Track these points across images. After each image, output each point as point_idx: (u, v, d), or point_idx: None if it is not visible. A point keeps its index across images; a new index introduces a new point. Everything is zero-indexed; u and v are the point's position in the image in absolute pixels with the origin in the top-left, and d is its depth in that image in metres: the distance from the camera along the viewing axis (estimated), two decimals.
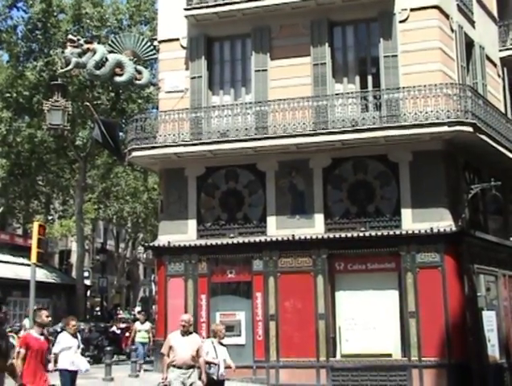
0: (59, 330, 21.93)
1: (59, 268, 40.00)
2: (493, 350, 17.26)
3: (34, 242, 14.54)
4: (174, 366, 9.91)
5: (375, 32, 17.84)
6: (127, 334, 26.13)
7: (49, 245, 39.22)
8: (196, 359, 10.09)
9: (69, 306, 29.21)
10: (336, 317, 16.96)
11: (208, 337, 12.31)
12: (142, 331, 19.67)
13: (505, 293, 19.06)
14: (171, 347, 10.04)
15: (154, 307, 28.38)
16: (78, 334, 14.32)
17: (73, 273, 37.92)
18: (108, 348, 18.26)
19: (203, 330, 17.55)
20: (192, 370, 10.01)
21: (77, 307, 29.02)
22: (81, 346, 13.87)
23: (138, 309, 44.72)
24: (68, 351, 11.13)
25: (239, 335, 17.31)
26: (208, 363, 10.59)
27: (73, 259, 40.51)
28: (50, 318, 10.11)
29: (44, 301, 27.86)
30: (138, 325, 20.01)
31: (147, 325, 20.00)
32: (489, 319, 17.45)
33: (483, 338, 16.83)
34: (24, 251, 27.05)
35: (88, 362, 21.31)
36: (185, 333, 10.22)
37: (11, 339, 17.23)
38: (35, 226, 15.17)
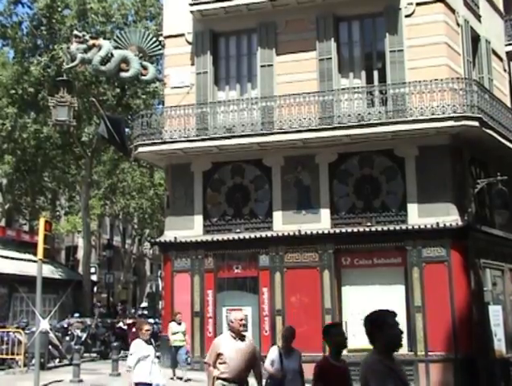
0: (65, 326, 22.10)
1: (66, 264, 40.09)
2: (500, 344, 17.24)
3: (40, 238, 14.55)
4: (224, 380, 7.63)
5: (381, 27, 17.80)
6: (134, 329, 26.26)
7: (55, 241, 39.34)
8: (254, 370, 7.99)
9: (76, 302, 29.28)
10: (343, 312, 16.97)
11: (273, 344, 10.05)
12: (178, 333, 16.54)
13: (511, 288, 19.03)
14: (219, 355, 7.68)
15: (160, 303, 28.42)
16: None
17: (80, 269, 38.03)
18: (115, 344, 18.30)
19: (209, 325, 17.62)
20: None
21: (84, 303, 29.11)
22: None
23: (144, 304, 44.89)
24: (145, 360, 9.39)
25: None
26: (271, 377, 9.15)
27: (80, 255, 40.62)
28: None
29: (51, 297, 27.94)
30: (173, 326, 16.68)
31: (184, 326, 16.85)
32: (496, 314, 17.43)
33: (489, 333, 16.82)
34: (30, 247, 27.14)
35: (95, 358, 21.68)
36: (238, 337, 7.81)
37: (18, 336, 17.33)
38: (42, 222, 15.19)
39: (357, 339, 16.67)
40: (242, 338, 7.81)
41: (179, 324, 16.52)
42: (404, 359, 16.11)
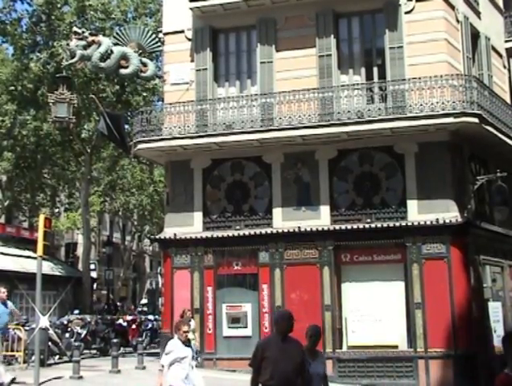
0: (65, 322, 22.12)
1: (66, 261, 40.08)
2: (499, 340, 17.10)
3: (40, 235, 14.53)
4: None
5: (381, 23, 17.79)
6: (133, 326, 26.30)
7: (55, 238, 39.35)
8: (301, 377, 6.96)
9: (75, 299, 29.30)
10: (343, 308, 16.99)
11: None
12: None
13: (511, 284, 19.06)
14: (263, 359, 6.79)
15: (160, 299, 28.48)
16: (192, 343, 12.49)
17: (79, 266, 38.04)
18: (114, 340, 18.30)
19: (209, 322, 17.63)
20: None
21: (83, 300, 29.13)
22: (195, 356, 12.62)
23: (144, 301, 44.93)
24: (181, 363, 8.78)
25: (245, 327, 17.37)
26: None
27: (79, 252, 40.61)
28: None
29: (50, 293, 27.96)
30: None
31: (193, 324, 15.66)
32: (495, 310, 17.47)
33: (489, 329, 16.85)
34: (30, 244, 27.12)
35: (95, 355, 21.69)
36: (285, 338, 6.99)
37: (18, 332, 17.33)
38: (41, 219, 15.17)
39: (357, 336, 16.75)
40: (289, 340, 6.96)
41: (188, 321, 15.20)
42: (404, 356, 16.19)
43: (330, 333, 16.57)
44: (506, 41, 21.80)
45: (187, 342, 8.93)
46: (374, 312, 16.54)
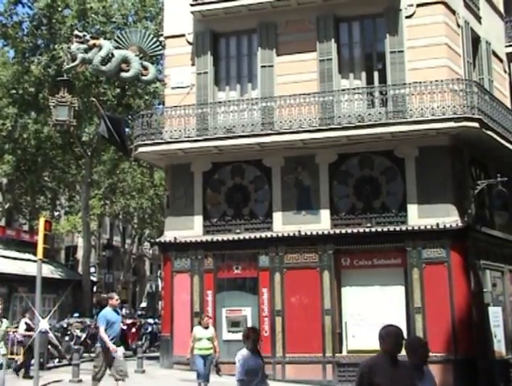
0: (65, 326, 22.09)
1: (66, 264, 40.09)
2: (499, 345, 17.25)
3: (40, 238, 14.52)
4: None
5: (381, 28, 17.81)
6: (133, 329, 26.25)
7: (55, 241, 39.32)
8: None
9: (75, 302, 29.28)
10: (343, 312, 16.97)
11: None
12: (203, 340, 13.49)
13: (511, 289, 19.04)
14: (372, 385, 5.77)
15: (160, 303, 28.42)
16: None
17: (79, 269, 38.02)
18: None
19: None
20: None
21: (83, 303, 29.10)
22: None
23: (143, 304, 44.89)
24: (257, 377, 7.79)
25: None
26: None
27: (79, 255, 40.60)
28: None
29: (50, 296, 27.95)
30: (197, 330, 13.72)
31: (211, 330, 13.83)
32: (495, 315, 17.44)
33: (489, 334, 16.83)
34: (30, 247, 27.11)
35: (94, 358, 21.60)
36: (394, 360, 5.86)
37: (17, 335, 17.33)
38: (41, 222, 15.16)
39: (357, 340, 16.73)
40: (399, 362, 5.82)
41: (206, 328, 13.64)
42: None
43: (330, 337, 16.55)
44: (507, 46, 21.83)
45: (256, 350, 8.05)
46: (374, 316, 16.50)
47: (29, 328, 16.60)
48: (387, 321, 17.04)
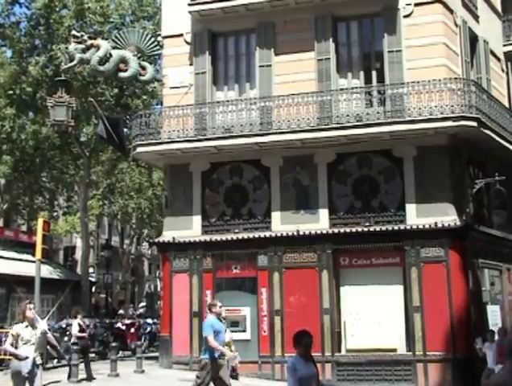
0: (64, 326, 22.07)
1: (64, 265, 40.03)
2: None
3: (38, 238, 14.56)
4: None
5: (379, 27, 17.81)
6: (132, 329, 26.26)
7: (54, 242, 39.31)
8: None
9: (74, 303, 29.25)
10: (341, 312, 16.98)
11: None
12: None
13: (509, 288, 19.08)
14: None
15: (159, 303, 28.43)
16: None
17: (78, 270, 37.97)
18: (113, 344, 18.27)
19: None
20: None
21: (82, 303, 29.07)
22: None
23: (142, 304, 44.87)
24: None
25: (244, 331, 17.34)
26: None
27: (78, 255, 40.57)
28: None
29: (49, 297, 27.90)
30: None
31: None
32: (494, 314, 17.48)
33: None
34: (29, 247, 27.10)
35: (93, 358, 21.63)
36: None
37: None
38: (40, 222, 15.19)
39: (356, 339, 16.74)
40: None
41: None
42: (402, 359, 16.19)
43: (329, 336, 16.56)
44: (505, 45, 21.85)
45: (310, 358, 7.34)
46: (373, 315, 16.53)
47: (82, 329, 16.48)
48: (386, 320, 17.19)
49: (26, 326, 9.85)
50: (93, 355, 22.28)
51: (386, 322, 16.46)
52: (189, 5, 18.54)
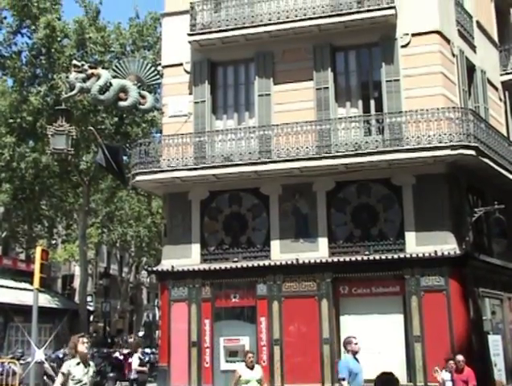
0: (61, 356, 21.87)
1: (62, 293, 39.88)
2: (500, 374, 17.09)
3: (36, 267, 14.48)
4: None
5: (377, 57, 17.96)
6: (130, 360, 26.00)
7: (52, 270, 39.17)
8: None
9: (72, 332, 29.03)
10: (341, 341, 16.79)
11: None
12: (252, 382, 11.36)
13: (510, 317, 18.93)
14: None
15: (157, 332, 28.23)
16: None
17: (76, 298, 37.75)
18: (111, 374, 18.10)
19: (206, 355, 17.44)
20: None
21: (80, 332, 28.84)
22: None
23: (141, 334, 44.57)
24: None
25: (243, 361, 17.12)
26: None
27: (76, 283, 40.38)
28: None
29: (46, 326, 27.73)
30: (242, 370, 11.52)
31: (259, 370, 11.68)
32: (495, 343, 17.32)
33: (489, 363, 16.68)
34: (27, 276, 27.00)
35: None
36: None
37: (13, 366, 17.14)
38: (38, 251, 15.12)
39: None
40: None
41: (252, 368, 11.51)
42: None
43: (329, 366, 16.39)
44: (502, 74, 22.03)
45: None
46: (373, 345, 16.35)
47: (142, 363, 16.30)
48: (386, 349, 17.00)
49: (78, 363, 8.67)
50: None
51: (386, 352, 16.31)
52: (189, 35, 18.71)
